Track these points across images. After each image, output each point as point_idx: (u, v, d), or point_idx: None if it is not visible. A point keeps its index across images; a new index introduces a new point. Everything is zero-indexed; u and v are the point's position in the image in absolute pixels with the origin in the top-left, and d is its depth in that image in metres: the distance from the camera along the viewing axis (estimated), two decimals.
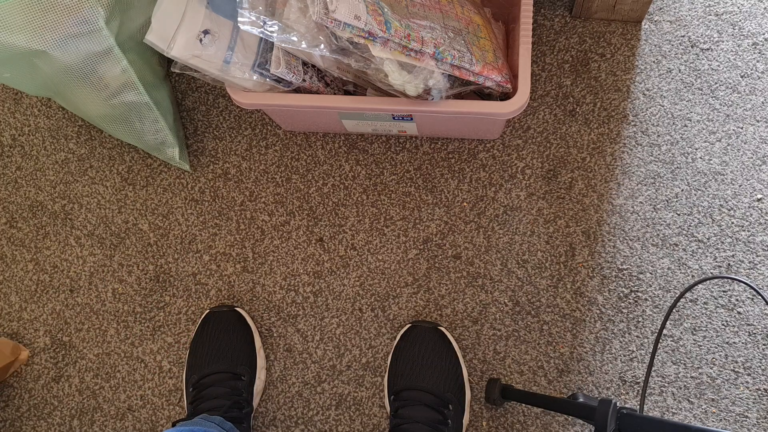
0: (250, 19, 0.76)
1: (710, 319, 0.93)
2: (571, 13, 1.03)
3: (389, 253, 0.99)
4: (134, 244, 1.03)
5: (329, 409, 0.96)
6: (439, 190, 1.00)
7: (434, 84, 0.80)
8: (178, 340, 0.99)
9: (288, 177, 1.03)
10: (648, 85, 1.00)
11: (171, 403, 0.98)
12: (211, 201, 1.03)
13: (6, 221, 1.06)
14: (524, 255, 0.97)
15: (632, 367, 0.93)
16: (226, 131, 1.05)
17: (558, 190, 0.98)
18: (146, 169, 1.05)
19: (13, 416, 1.00)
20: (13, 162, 1.07)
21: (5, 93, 1.10)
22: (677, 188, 0.97)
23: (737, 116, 0.98)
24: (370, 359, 0.97)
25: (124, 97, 0.89)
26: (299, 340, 0.98)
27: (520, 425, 0.92)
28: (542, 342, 0.95)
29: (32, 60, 0.80)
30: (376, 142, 1.02)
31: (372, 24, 0.72)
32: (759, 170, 0.97)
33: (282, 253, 1.00)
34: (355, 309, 0.98)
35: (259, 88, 0.85)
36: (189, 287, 1.01)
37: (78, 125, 1.08)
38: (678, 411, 0.91)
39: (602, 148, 0.99)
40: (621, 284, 0.95)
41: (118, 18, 0.81)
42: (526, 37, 0.85)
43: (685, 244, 0.95)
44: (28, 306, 1.03)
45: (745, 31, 1.01)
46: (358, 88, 0.91)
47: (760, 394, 0.91)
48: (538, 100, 1.01)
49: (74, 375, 1.00)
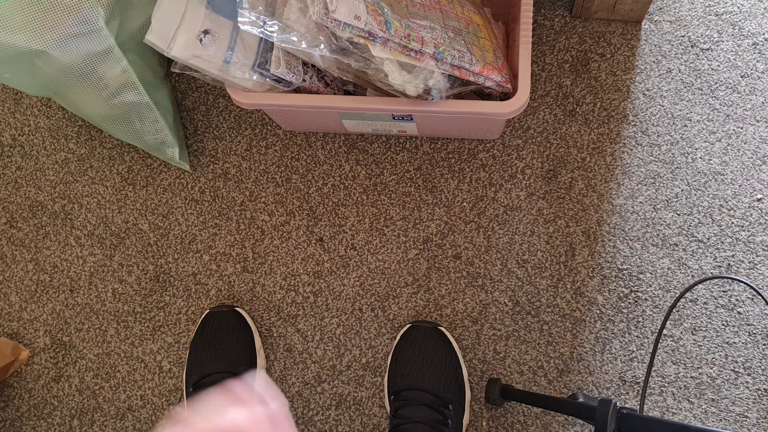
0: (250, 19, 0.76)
1: (710, 319, 0.93)
2: (571, 13, 1.03)
3: (389, 253, 0.99)
4: (134, 244, 1.03)
5: (329, 409, 0.96)
6: (439, 190, 1.00)
7: (434, 84, 0.80)
8: (178, 340, 0.99)
9: (288, 177, 1.03)
10: (648, 85, 1.00)
11: (171, 403, 0.98)
12: (211, 201, 1.03)
13: (6, 221, 1.06)
14: (524, 255, 0.97)
15: (632, 367, 0.93)
16: (226, 131, 1.05)
17: (558, 190, 0.98)
18: (146, 169, 1.05)
19: (13, 416, 1.00)
20: (13, 162, 1.07)
21: (5, 93, 1.10)
22: (677, 188, 0.97)
23: (737, 116, 0.98)
24: (370, 359, 0.97)
25: (124, 97, 0.89)
26: (299, 340, 0.98)
27: (520, 425, 0.92)
28: (542, 342, 0.95)
29: (32, 60, 0.80)
30: (376, 142, 1.02)
31: (372, 24, 0.72)
32: (759, 170, 0.97)
33: (282, 253, 1.00)
34: (355, 309, 0.98)
35: (259, 88, 0.85)
36: (189, 287, 1.01)
37: (78, 125, 1.08)
38: (678, 411, 0.91)
39: (602, 148, 0.99)
40: (621, 284, 0.95)
41: (118, 18, 0.81)
42: (526, 37, 0.85)
43: (685, 244, 0.95)
44: (28, 306, 1.03)
45: (745, 31, 1.01)
46: (358, 88, 0.91)
47: (760, 394, 0.91)
48: (538, 100, 1.01)
49: (74, 375, 1.00)
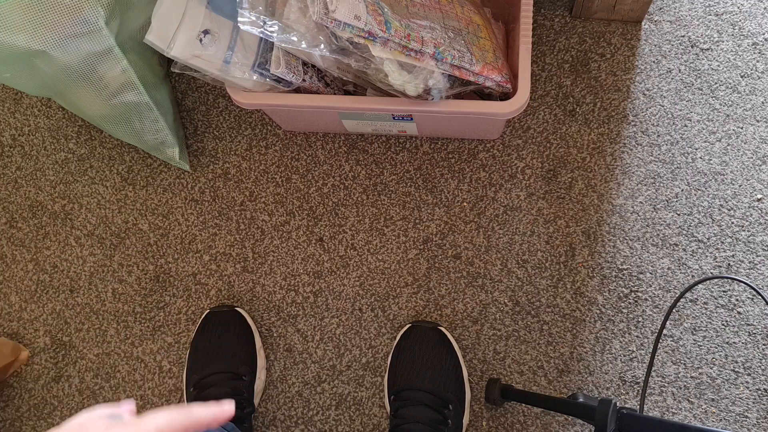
0: (250, 19, 0.75)
1: (710, 319, 0.93)
2: (571, 13, 1.03)
3: (389, 253, 0.99)
4: (134, 244, 1.03)
5: (329, 409, 0.96)
6: (439, 190, 1.00)
7: (434, 84, 0.79)
8: (178, 340, 0.99)
9: (288, 177, 1.03)
10: (648, 85, 1.00)
11: (171, 403, 0.98)
12: (211, 201, 1.03)
13: (6, 221, 1.06)
14: (524, 255, 0.97)
15: (632, 367, 0.93)
16: (226, 131, 1.05)
17: (558, 190, 0.98)
18: (146, 169, 1.05)
19: (13, 416, 1.00)
20: (13, 162, 1.07)
21: (5, 93, 1.10)
22: (677, 188, 0.97)
23: (737, 116, 0.98)
24: (370, 359, 0.96)
25: (124, 97, 0.89)
26: (299, 340, 0.98)
27: (520, 425, 0.92)
28: (542, 342, 0.95)
29: (32, 60, 0.80)
30: (376, 142, 1.02)
31: (372, 24, 0.72)
32: (759, 170, 0.97)
33: (282, 253, 1.00)
34: (355, 309, 0.98)
35: (259, 88, 0.85)
36: (189, 287, 1.01)
37: (78, 125, 1.08)
38: (678, 411, 0.91)
39: (602, 148, 0.99)
40: (621, 284, 0.95)
41: (118, 18, 0.81)
42: (526, 37, 0.85)
43: (685, 244, 0.95)
44: (28, 306, 1.03)
45: (745, 31, 1.01)
46: (358, 88, 0.91)
47: (760, 394, 0.91)
48: (538, 100, 1.01)
49: (74, 375, 1.00)
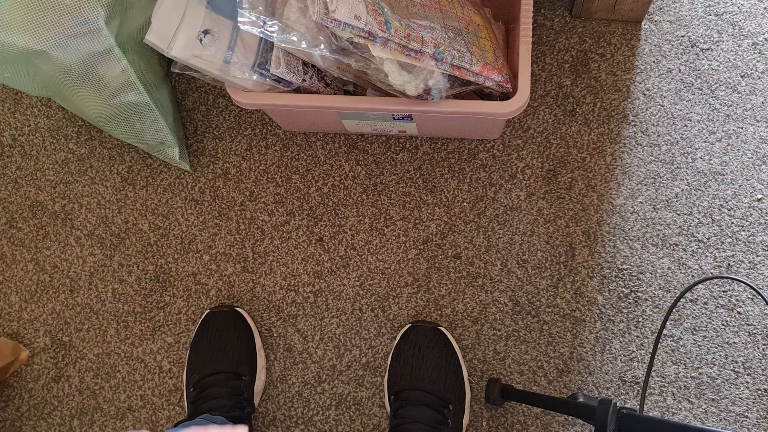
0: (250, 19, 0.75)
1: (710, 319, 0.93)
2: (571, 13, 1.03)
3: (389, 253, 0.99)
4: (134, 244, 1.03)
5: (329, 409, 0.96)
6: (439, 190, 1.00)
7: (434, 84, 0.79)
8: (178, 340, 0.99)
9: (288, 177, 1.03)
10: (648, 85, 1.00)
11: (171, 403, 0.98)
12: (211, 201, 1.03)
13: (6, 221, 1.06)
14: (524, 255, 0.97)
15: (632, 367, 0.93)
16: (226, 131, 1.05)
17: (558, 190, 0.98)
18: (146, 169, 1.05)
19: (13, 416, 1.00)
20: (13, 162, 1.07)
21: (5, 93, 1.10)
22: (677, 188, 0.97)
23: (737, 116, 0.98)
24: (370, 359, 0.96)
25: (124, 97, 0.89)
26: (299, 340, 0.98)
27: (520, 425, 0.92)
28: (542, 342, 0.95)
29: (32, 60, 0.80)
30: (376, 142, 1.02)
31: (372, 24, 0.72)
32: (759, 170, 0.97)
33: (282, 253, 1.00)
34: (355, 309, 0.98)
35: (259, 88, 0.85)
36: (189, 287, 1.01)
37: (78, 125, 1.08)
38: (678, 411, 0.91)
39: (602, 148, 0.99)
40: (621, 284, 0.95)
41: (118, 18, 0.81)
42: (526, 37, 0.85)
43: (685, 244, 0.95)
44: (28, 306, 1.03)
45: (745, 31, 1.01)
46: (358, 88, 0.91)
47: (760, 394, 0.91)
48: (538, 100, 1.01)
49: (74, 375, 1.00)
